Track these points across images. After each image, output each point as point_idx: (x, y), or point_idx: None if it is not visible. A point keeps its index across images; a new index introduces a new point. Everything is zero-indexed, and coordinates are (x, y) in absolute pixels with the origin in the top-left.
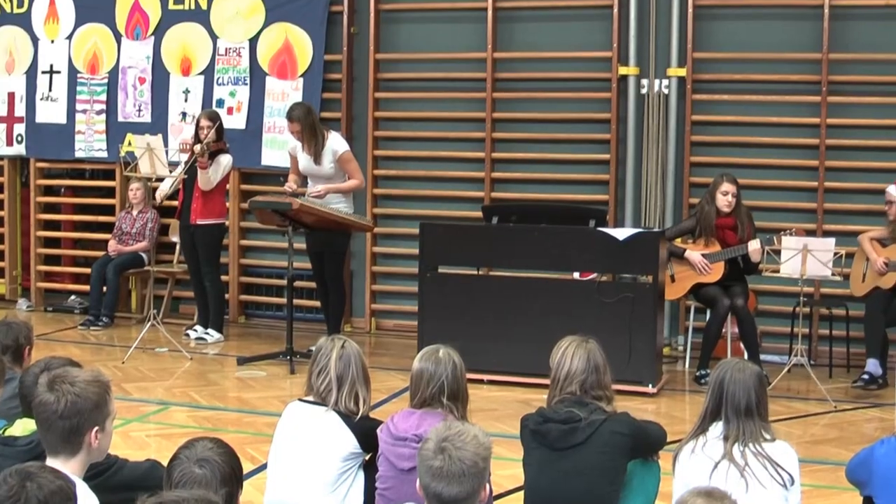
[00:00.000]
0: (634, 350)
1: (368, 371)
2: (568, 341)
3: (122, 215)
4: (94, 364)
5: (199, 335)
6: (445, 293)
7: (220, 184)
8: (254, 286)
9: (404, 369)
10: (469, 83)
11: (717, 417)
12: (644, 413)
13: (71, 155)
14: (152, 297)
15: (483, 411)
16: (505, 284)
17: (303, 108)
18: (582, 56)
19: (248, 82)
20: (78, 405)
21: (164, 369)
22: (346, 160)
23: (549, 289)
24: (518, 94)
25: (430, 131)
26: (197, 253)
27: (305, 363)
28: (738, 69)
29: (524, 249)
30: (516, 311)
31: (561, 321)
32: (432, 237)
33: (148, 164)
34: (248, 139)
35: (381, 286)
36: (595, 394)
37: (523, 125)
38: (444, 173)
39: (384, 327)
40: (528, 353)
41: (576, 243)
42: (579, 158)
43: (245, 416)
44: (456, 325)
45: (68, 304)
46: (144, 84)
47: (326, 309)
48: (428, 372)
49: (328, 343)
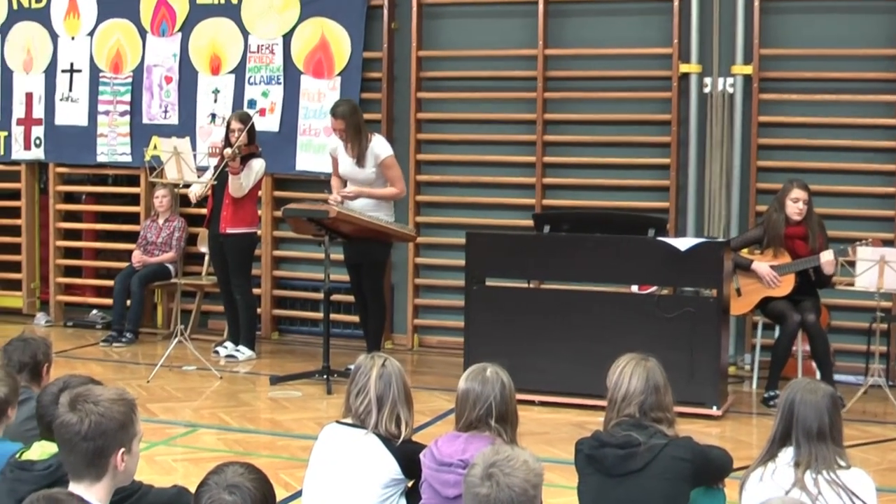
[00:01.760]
0: (697, 369)
1: (411, 391)
2: (625, 360)
3: (147, 224)
4: (116, 383)
5: (229, 352)
6: (493, 307)
7: (252, 190)
8: (288, 300)
9: (449, 389)
10: (518, 82)
11: (786, 442)
12: (708, 437)
13: (93, 160)
14: (179, 312)
15: (534, 435)
16: (557, 298)
17: (349, 105)
18: (640, 53)
19: (282, 81)
20: (103, 425)
21: (192, 389)
22: (389, 166)
23: (605, 303)
24: (571, 94)
25: (477, 134)
26: (227, 264)
27: (343, 383)
28: (809, 66)
29: (578, 261)
30: (569, 326)
31: (618, 338)
32: (479, 247)
33: (175, 170)
34: (282, 142)
35: (424, 300)
36: (655, 416)
37: (576, 127)
38: (492, 179)
39: (427, 344)
40: (582, 372)
41: (633, 254)
42: (637, 163)
43: (278, 439)
44: (504, 342)
45: (89, 318)
46: (171, 84)
47: (365, 324)
48: (475, 392)
49: (367, 361)
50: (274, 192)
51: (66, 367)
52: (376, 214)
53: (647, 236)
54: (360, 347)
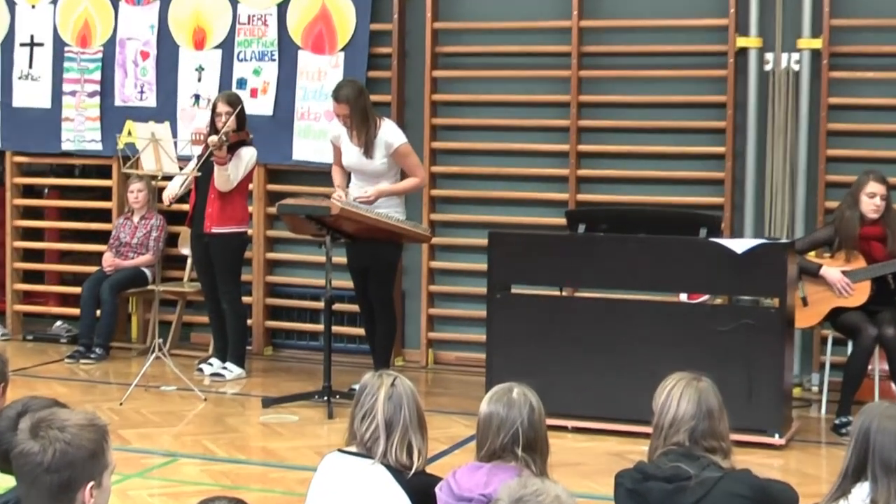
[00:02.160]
0: (756, 391)
1: (424, 415)
2: (674, 380)
3: (120, 222)
4: (84, 406)
5: (215, 370)
6: (520, 318)
7: (242, 183)
8: (283, 310)
9: (469, 413)
10: (549, 59)
11: (861, 477)
12: (769, 470)
13: (57, 148)
14: (157, 324)
15: (567, 465)
16: (594, 308)
17: (353, 87)
18: (690, 25)
19: (277, 58)
20: (69, 455)
21: (172, 413)
22: (404, 154)
23: (650, 314)
24: (610, 73)
25: (501, 118)
26: (213, 268)
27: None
28: (888, 40)
29: (618, 265)
30: (608, 341)
31: (664, 354)
32: (503, 249)
33: (152, 159)
34: (277, 128)
35: (441, 310)
36: (708, 445)
37: (616, 111)
38: (519, 170)
39: (444, 361)
40: (623, 393)
41: (683, 257)
42: (687, 152)
43: (272, 470)
44: (533, 359)
45: (53, 331)
46: (148, 60)
47: (372, 338)
48: (498, 417)
49: (375, 380)
50: (267, 186)
51: (24, 388)
52: (386, 211)
53: (698, 237)
54: (367, 364)
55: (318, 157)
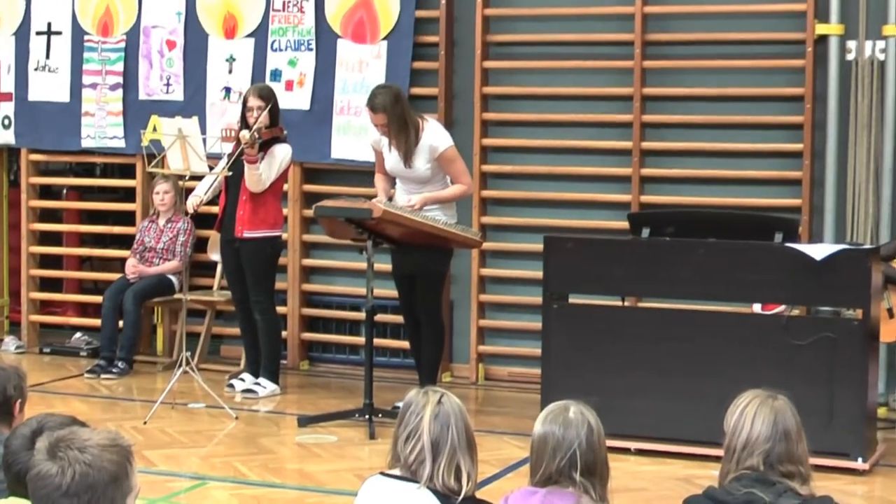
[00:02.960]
0: (838, 411)
1: (474, 436)
2: (747, 398)
3: (144, 225)
4: (106, 424)
5: (247, 386)
6: (578, 330)
7: (276, 184)
8: (321, 321)
9: (522, 434)
10: (611, 48)
11: None
12: (852, 497)
13: (77, 145)
14: (185, 335)
15: (629, 491)
16: (659, 319)
17: (389, 95)
18: (764, 10)
19: (314, 47)
20: (90, 478)
21: (201, 432)
22: (450, 160)
23: (721, 326)
24: (677, 63)
25: (558, 113)
26: (244, 276)
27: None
28: None
29: (685, 272)
30: (675, 355)
31: (737, 370)
32: (561, 255)
33: (179, 158)
34: (314, 124)
35: (492, 321)
36: (784, 469)
37: (684, 104)
38: (577, 169)
39: (495, 376)
40: (691, 413)
41: (756, 264)
42: (761, 149)
43: (308, 495)
44: (592, 374)
45: (72, 343)
46: (174, 50)
47: (418, 352)
48: (555, 438)
49: (420, 398)
50: (303, 187)
51: (41, 405)
52: (433, 214)
53: (773, 242)
54: (411, 380)
55: (358, 155)
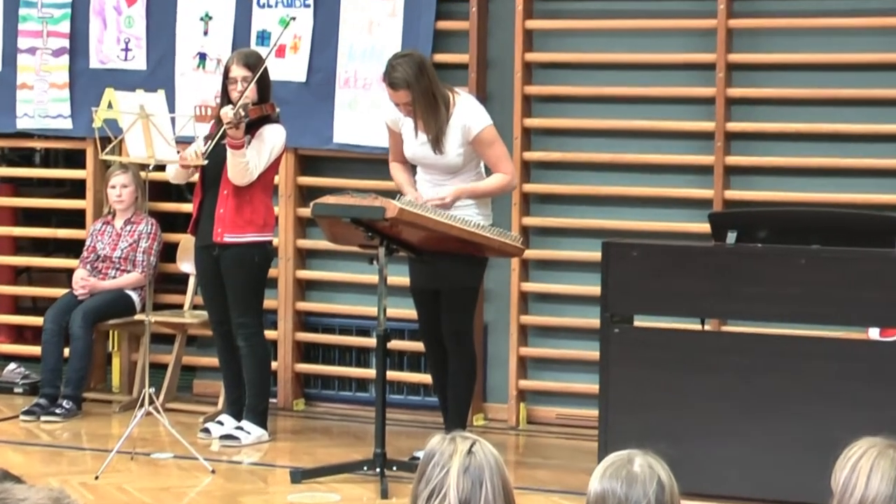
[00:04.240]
0: None
1: (513, 494)
2: (861, 448)
3: (97, 228)
4: (47, 480)
5: (226, 431)
6: (645, 362)
7: (265, 175)
8: (320, 349)
9: (575, 492)
10: (687, 4)
11: None
12: None
13: (10, 126)
14: (148, 367)
15: None
16: (748, 348)
17: (411, 65)
18: None
19: (312, 3)
20: None
21: (168, 489)
22: (488, 142)
23: (827, 356)
24: (771, 22)
25: (619, 85)
26: (224, 292)
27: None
28: None
29: (782, 288)
30: (767, 393)
31: (847, 411)
32: (623, 266)
33: (141, 142)
34: (312, 100)
35: (536, 349)
36: None
37: (779, 75)
38: (643, 157)
39: (541, 419)
40: (788, 465)
41: (873, 277)
42: (877, 131)
43: None
44: (663, 416)
45: (3, 377)
46: (135, 6)
47: (443, 388)
48: (615, 497)
49: (446, 446)
50: (299, 179)
51: None
52: (465, 212)
53: (892, 250)
54: (435, 424)
55: (367, 139)
